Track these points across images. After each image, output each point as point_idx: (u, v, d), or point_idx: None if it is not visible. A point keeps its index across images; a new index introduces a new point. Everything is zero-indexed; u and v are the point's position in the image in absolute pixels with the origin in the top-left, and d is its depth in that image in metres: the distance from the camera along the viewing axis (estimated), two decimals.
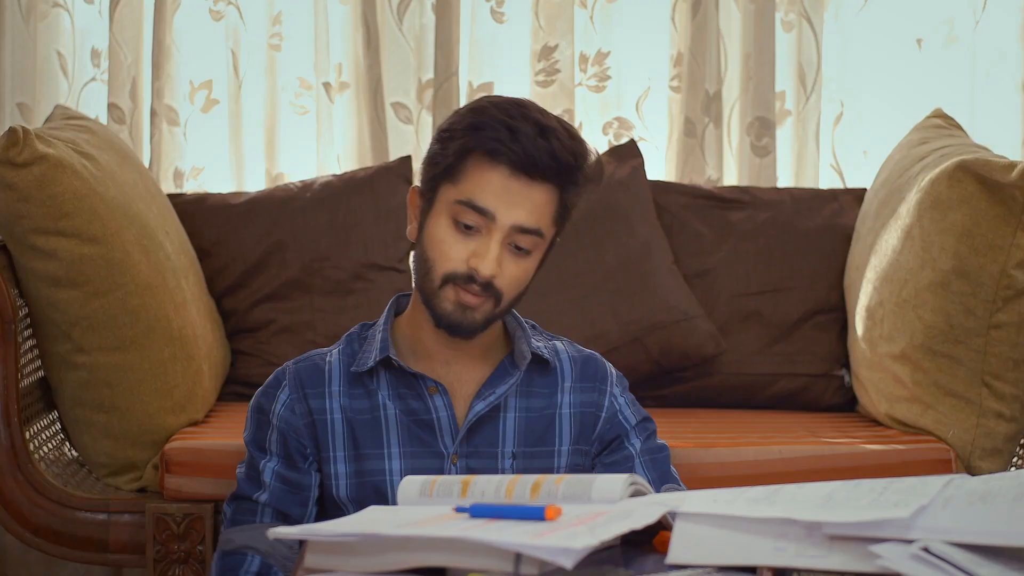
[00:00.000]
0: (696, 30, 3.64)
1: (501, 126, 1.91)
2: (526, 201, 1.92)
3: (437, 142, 1.99)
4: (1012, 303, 2.73)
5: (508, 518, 1.49)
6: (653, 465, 2.09)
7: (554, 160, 1.91)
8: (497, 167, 1.91)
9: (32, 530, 2.58)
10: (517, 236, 1.94)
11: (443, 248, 1.94)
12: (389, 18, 3.68)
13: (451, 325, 1.97)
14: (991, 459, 2.77)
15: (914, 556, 1.35)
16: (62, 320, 2.59)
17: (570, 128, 1.97)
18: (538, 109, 1.97)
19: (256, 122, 3.69)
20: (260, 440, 2.09)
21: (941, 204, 2.77)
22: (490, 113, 1.93)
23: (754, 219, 3.40)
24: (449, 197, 1.94)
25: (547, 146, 1.91)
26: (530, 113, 1.94)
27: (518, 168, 1.91)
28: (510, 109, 1.94)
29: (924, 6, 3.76)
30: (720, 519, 1.47)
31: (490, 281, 1.93)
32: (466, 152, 1.93)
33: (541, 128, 1.92)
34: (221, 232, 3.29)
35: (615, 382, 2.15)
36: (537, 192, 1.93)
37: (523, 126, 1.91)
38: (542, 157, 1.91)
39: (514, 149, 1.89)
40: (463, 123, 1.95)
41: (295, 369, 2.10)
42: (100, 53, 3.65)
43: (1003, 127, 3.73)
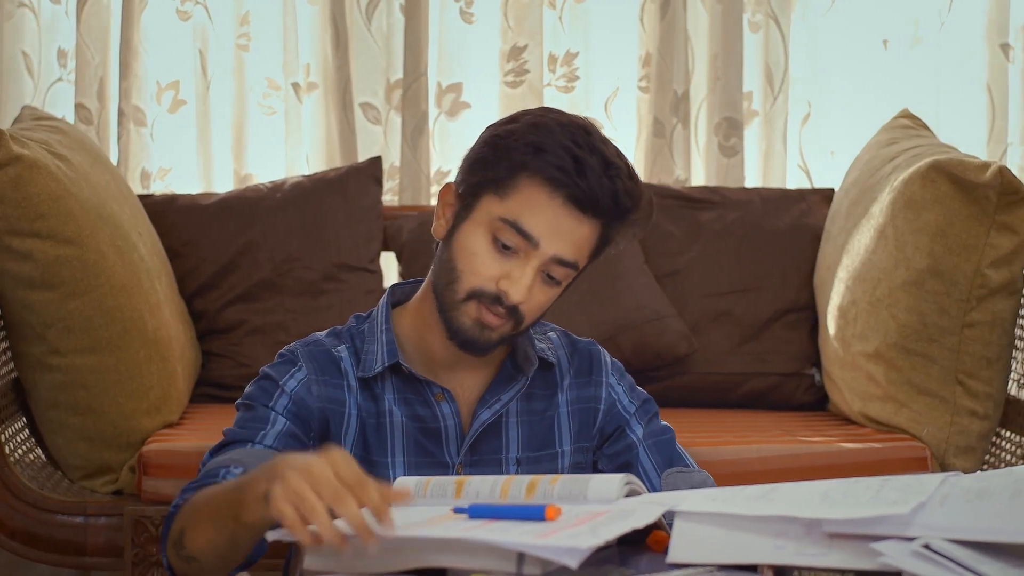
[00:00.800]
0: (664, 31, 3.65)
1: (567, 154, 1.80)
2: (573, 234, 1.83)
3: (488, 146, 1.88)
4: (986, 302, 2.76)
5: (508, 518, 1.49)
6: (657, 449, 2.04)
7: (614, 201, 1.82)
8: (552, 195, 1.81)
9: (8, 533, 2.57)
10: (553, 266, 1.85)
11: (475, 262, 1.84)
12: (358, 18, 3.67)
13: (466, 341, 1.88)
14: (965, 457, 2.80)
15: (915, 553, 1.35)
16: (37, 322, 2.57)
17: (630, 165, 1.87)
18: (601, 138, 1.86)
19: (224, 123, 3.68)
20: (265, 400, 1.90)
21: (915, 204, 2.79)
22: (555, 135, 1.82)
23: (724, 219, 3.42)
24: (493, 211, 1.84)
25: (611, 186, 1.81)
26: (596, 144, 1.83)
27: (574, 202, 1.81)
28: (576, 135, 1.82)
29: (890, 7, 3.79)
30: (719, 518, 1.47)
31: (516, 305, 1.85)
32: (521, 169, 1.82)
33: (606, 164, 1.82)
34: (191, 233, 3.27)
35: (611, 371, 2.08)
36: (586, 227, 1.84)
37: (589, 159, 1.80)
38: (604, 197, 1.81)
39: (579, 184, 1.80)
40: (524, 137, 1.83)
41: (308, 352, 1.94)
42: (67, 53, 3.62)
43: (969, 127, 3.77)
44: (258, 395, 1.91)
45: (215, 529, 1.65)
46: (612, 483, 1.60)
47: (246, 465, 1.79)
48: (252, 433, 1.87)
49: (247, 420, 1.90)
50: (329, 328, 2.01)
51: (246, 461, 1.81)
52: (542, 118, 1.86)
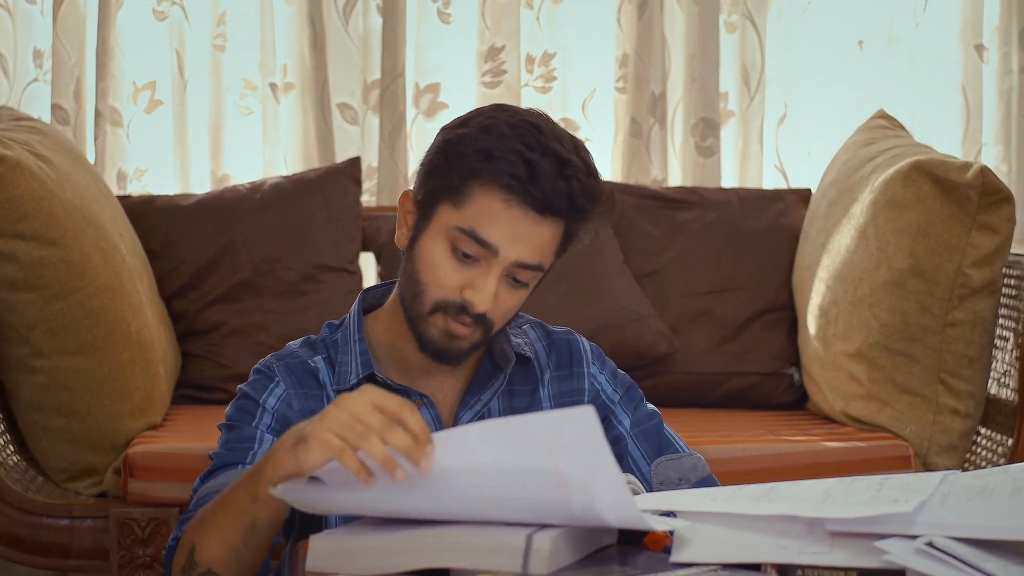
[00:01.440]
0: (642, 31, 3.66)
1: (518, 159, 1.75)
2: (533, 238, 1.79)
3: (441, 152, 1.82)
4: (967, 301, 2.78)
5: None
6: (644, 437, 2.01)
7: (571, 203, 1.79)
8: (507, 202, 1.76)
9: None
10: (517, 270, 1.81)
11: (437, 274, 1.81)
12: (335, 19, 3.66)
13: (437, 352, 1.85)
14: (947, 455, 2.82)
15: (919, 551, 1.36)
16: (20, 323, 2.56)
17: (587, 160, 1.82)
18: (554, 134, 1.80)
19: (201, 123, 3.66)
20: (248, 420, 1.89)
21: (896, 204, 2.81)
22: (506, 140, 1.76)
23: (702, 219, 3.43)
24: (449, 221, 1.79)
25: (566, 188, 1.77)
26: (548, 143, 1.77)
27: (530, 207, 1.77)
28: (527, 136, 1.77)
29: (865, 7, 3.81)
30: (722, 517, 1.48)
31: (483, 314, 1.81)
32: (473, 177, 1.77)
33: (561, 164, 1.77)
34: (170, 234, 3.26)
35: (591, 359, 2.04)
36: (546, 229, 1.79)
37: (541, 162, 1.75)
38: (559, 200, 1.77)
39: (531, 191, 1.75)
40: (474, 144, 1.77)
41: (285, 366, 1.92)
42: (43, 53, 3.60)
43: (943, 127, 3.79)
44: (240, 416, 1.90)
45: (231, 525, 1.64)
46: None
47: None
48: (241, 454, 1.85)
49: (233, 441, 1.88)
50: (303, 338, 1.98)
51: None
52: (492, 120, 1.80)
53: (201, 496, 1.81)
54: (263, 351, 3.15)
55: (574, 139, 1.83)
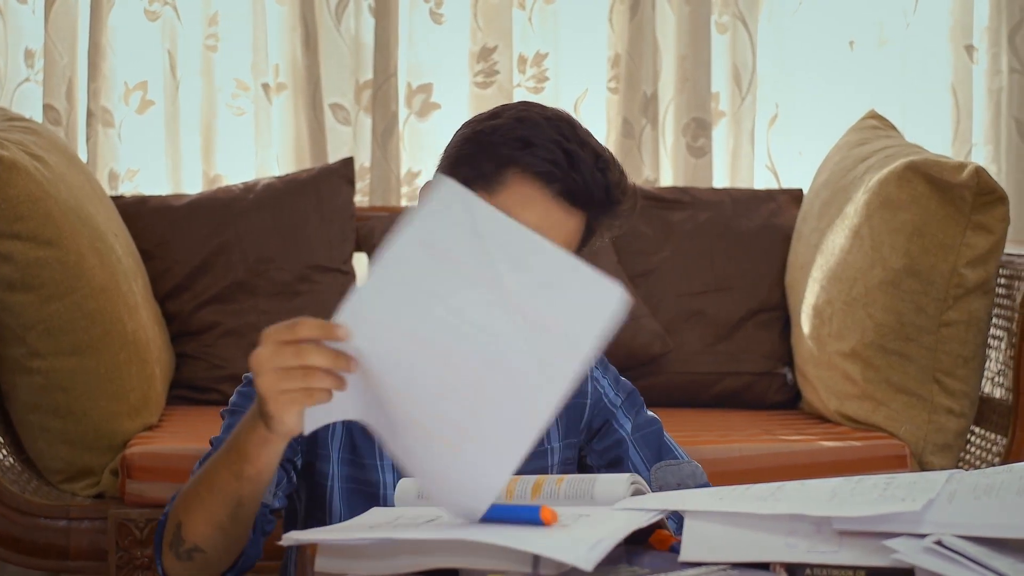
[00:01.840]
0: (634, 31, 3.67)
1: (557, 148, 1.75)
2: (562, 228, 1.78)
3: (472, 143, 1.82)
4: (962, 301, 2.79)
5: (504, 520, 1.48)
6: (645, 443, 2.02)
7: (607, 194, 1.79)
8: (544, 189, 1.76)
9: None
10: None
11: None
12: (327, 19, 3.66)
13: None
14: (942, 454, 2.83)
15: (928, 549, 1.37)
16: (16, 324, 2.56)
17: (618, 162, 1.84)
18: (585, 131, 1.82)
19: (192, 123, 3.66)
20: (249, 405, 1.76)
21: (891, 204, 2.82)
22: (542, 129, 1.77)
23: (695, 219, 3.44)
24: None
25: (603, 180, 1.77)
26: (583, 137, 1.79)
27: (566, 196, 1.77)
28: (563, 128, 1.78)
29: (856, 8, 3.82)
30: (730, 516, 1.48)
31: None
32: (510, 164, 1.77)
33: (596, 156, 1.78)
34: (163, 234, 3.25)
35: (595, 364, 2.04)
36: (574, 221, 1.79)
37: (580, 152, 1.76)
38: (597, 190, 1.77)
39: (573, 177, 1.75)
40: (510, 132, 1.78)
41: None
42: (34, 53, 3.59)
43: (934, 127, 3.80)
44: (242, 401, 1.90)
45: (216, 503, 1.62)
46: (619, 484, 1.61)
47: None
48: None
49: (233, 426, 1.81)
50: None
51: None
52: (526, 112, 1.81)
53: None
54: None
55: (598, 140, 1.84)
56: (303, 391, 1.45)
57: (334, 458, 1.92)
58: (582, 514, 1.50)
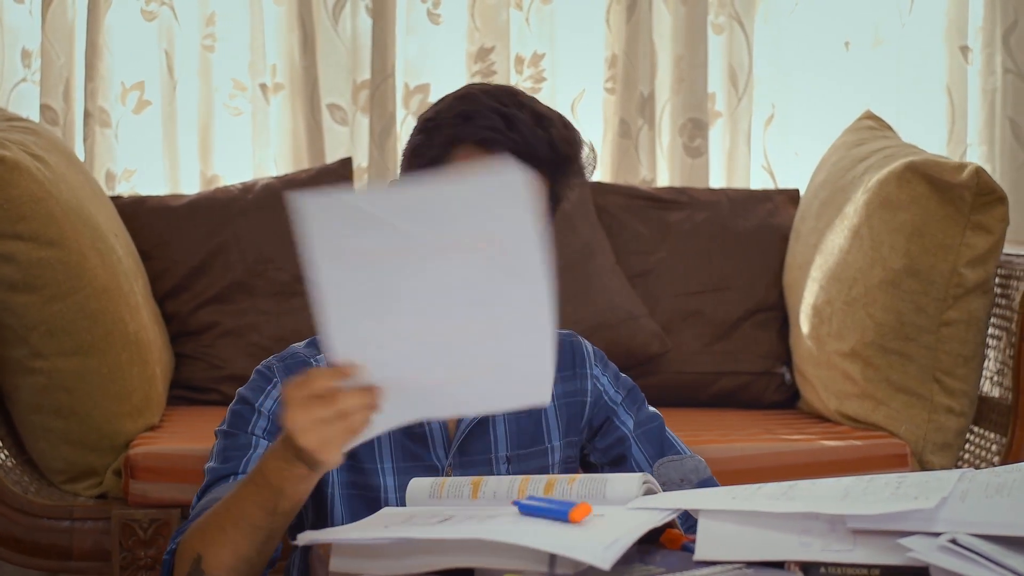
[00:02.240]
0: (630, 32, 3.67)
1: (495, 114, 1.78)
2: None
3: (421, 132, 1.85)
4: (962, 301, 2.80)
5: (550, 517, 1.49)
6: (647, 439, 2.02)
7: (553, 150, 1.80)
8: (489, 156, 1.77)
9: None
10: None
11: None
12: (324, 19, 3.66)
13: None
14: (942, 453, 2.84)
15: (942, 548, 1.38)
16: (19, 324, 2.56)
17: (565, 119, 1.85)
18: (529, 97, 1.85)
19: (190, 124, 3.65)
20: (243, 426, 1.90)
21: (891, 204, 2.83)
22: (481, 101, 1.81)
23: (692, 219, 3.44)
24: None
25: (546, 136, 1.79)
26: (523, 100, 1.82)
27: (515, 156, 1.74)
28: (501, 96, 1.82)
29: (852, 9, 3.83)
30: (744, 515, 1.49)
31: None
32: (456, 142, 1.80)
33: (537, 116, 1.80)
34: (162, 234, 3.25)
35: (594, 362, 2.05)
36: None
37: (519, 114, 1.79)
38: (541, 147, 1.79)
39: (512, 138, 1.77)
40: (451, 111, 1.82)
41: (285, 366, 1.94)
42: (31, 53, 3.58)
43: (929, 128, 3.81)
44: (236, 421, 1.91)
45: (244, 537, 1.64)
46: (631, 483, 1.61)
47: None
48: (235, 464, 1.86)
49: (228, 449, 1.89)
50: (309, 338, 1.98)
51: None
52: (466, 90, 1.85)
53: (195, 514, 1.81)
54: (256, 352, 3.17)
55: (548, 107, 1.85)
56: (347, 432, 1.51)
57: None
58: (597, 513, 1.51)
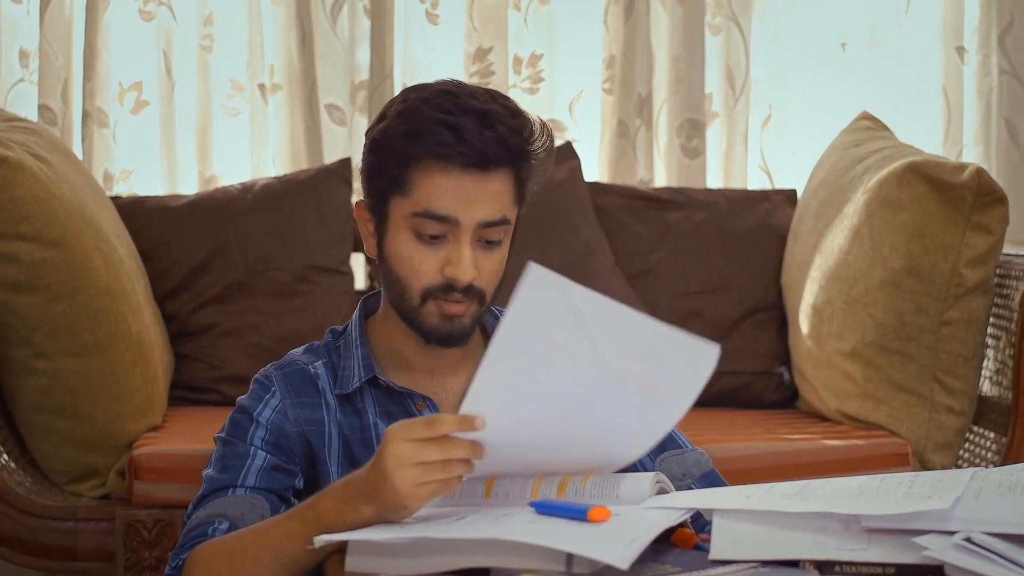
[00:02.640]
0: (628, 33, 3.68)
1: (441, 127, 1.77)
2: (484, 195, 1.81)
3: (372, 152, 1.85)
4: (962, 300, 2.82)
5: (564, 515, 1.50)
6: None
7: (505, 148, 1.80)
8: (446, 170, 1.79)
9: None
10: (485, 231, 1.82)
11: (412, 265, 1.83)
12: (322, 19, 3.66)
13: (442, 339, 1.87)
14: (942, 453, 2.85)
15: (957, 546, 1.39)
16: (21, 325, 2.55)
17: (508, 103, 1.84)
18: (468, 92, 1.82)
19: (188, 124, 3.65)
20: (241, 435, 1.91)
21: (891, 204, 2.84)
22: (424, 114, 1.79)
23: (691, 219, 3.45)
24: (403, 210, 1.82)
25: (494, 136, 1.79)
26: (464, 102, 1.80)
27: (470, 166, 1.79)
28: (443, 103, 1.79)
29: (848, 9, 3.84)
30: (758, 515, 1.50)
31: (471, 284, 1.83)
32: (409, 160, 1.80)
33: (482, 116, 1.79)
34: (161, 235, 3.25)
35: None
36: (494, 182, 1.81)
37: (463, 121, 1.78)
38: (492, 149, 1.79)
39: (461, 151, 1.78)
40: (397, 130, 1.81)
41: (283, 375, 1.94)
42: (28, 53, 3.57)
43: (925, 128, 3.82)
44: (234, 430, 1.91)
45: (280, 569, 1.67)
46: (644, 482, 1.62)
47: (231, 519, 1.80)
48: (233, 476, 1.87)
49: (227, 457, 1.89)
50: (307, 344, 2.00)
51: (230, 513, 1.82)
52: (406, 102, 1.84)
53: (192, 526, 1.82)
54: (256, 352, 3.17)
55: (489, 90, 1.86)
56: (442, 483, 1.55)
57: (334, 473, 1.91)
58: (613, 513, 1.51)
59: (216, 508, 1.83)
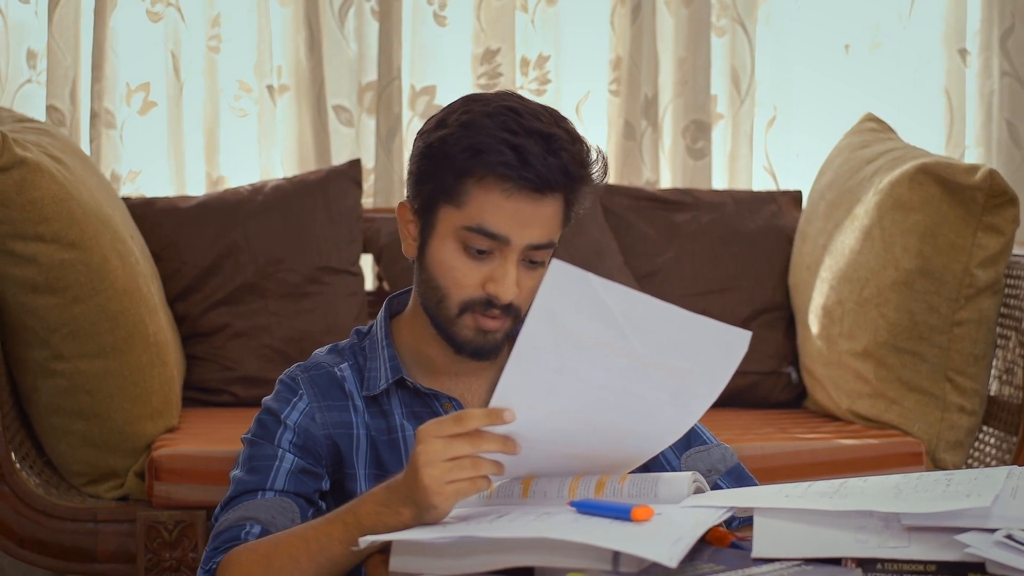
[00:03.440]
0: (635, 34, 3.69)
1: (505, 147, 1.78)
2: (538, 218, 1.82)
3: (426, 158, 1.84)
4: (974, 301, 2.84)
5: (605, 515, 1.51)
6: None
7: (566, 176, 1.81)
8: (505, 191, 1.80)
9: (17, 541, 2.54)
10: (531, 252, 1.84)
11: (455, 276, 1.84)
12: (330, 21, 3.66)
13: (474, 351, 1.88)
14: (954, 452, 2.87)
15: (999, 543, 1.40)
16: (40, 327, 2.55)
17: (568, 126, 1.85)
18: (531, 112, 1.82)
19: (195, 125, 3.65)
20: (269, 437, 1.91)
21: (903, 205, 2.86)
22: (488, 131, 1.79)
23: (699, 220, 3.47)
24: (454, 221, 1.82)
25: (558, 163, 1.80)
26: (529, 123, 1.80)
27: (529, 189, 1.80)
28: (508, 122, 1.80)
29: (852, 12, 3.86)
30: (799, 513, 1.51)
31: (510, 303, 1.84)
32: (467, 174, 1.80)
33: (546, 140, 1.80)
34: (171, 236, 3.25)
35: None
36: (548, 206, 1.83)
37: (528, 143, 1.78)
38: (555, 176, 1.80)
39: (525, 175, 1.78)
40: (458, 142, 1.80)
41: (310, 378, 1.95)
42: (36, 54, 3.57)
43: (927, 130, 3.85)
44: (262, 432, 1.92)
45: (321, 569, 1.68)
46: (682, 482, 1.63)
47: (263, 522, 1.81)
48: (262, 478, 1.87)
49: (255, 459, 1.90)
50: (330, 344, 2.01)
51: (261, 517, 1.82)
52: (468, 115, 1.83)
53: (221, 530, 1.83)
54: (268, 353, 3.18)
55: (549, 110, 1.86)
56: (469, 482, 1.55)
57: (361, 475, 1.93)
58: (657, 512, 1.52)
59: (247, 511, 1.84)
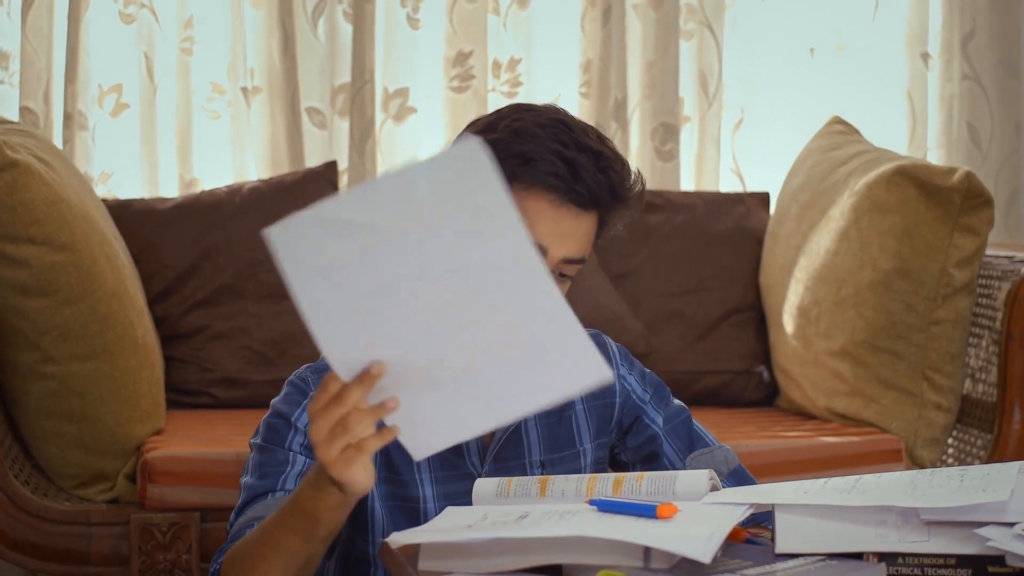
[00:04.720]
0: (604, 38, 3.72)
1: (557, 159, 1.78)
2: (577, 232, 1.82)
3: None
4: (950, 300, 2.89)
5: (627, 514, 1.53)
6: (676, 434, 2.06)
7: (612, 195, 1.82)
8: (552, 202, 1.79)
9: (10, 545, 2.54)
10: (564, 266, 1.84)
11: None
12: (304, 23, 3.67)
13: None
14: (930, 449, 2.93)
15: (1018, 536, 1.45)
16: (30, 329, 2.55)
17: (613, 147, 1.86)
18: (581, 129, 1.84)
19: (168, 127, 3.64)
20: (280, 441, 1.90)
21: (880, 207, 2.91)
22: (540, 140, 1.79)
23: (671, 222, 3.50)
24: None
25: (607, 181, 1.80)
26: (580, 138, 1.81)
27: (575, 204, 1.80)
28: (560, 134, 1.80)
29: (817, 16, 3.91)
30: (819, 509, 1.54)
31: None
32: (514, 180, 1.76)
33: (597, 157, 1.81)
34: (149, 238, 3.25)
35: (620, 361, 2.07)
36: (587, 222, 1.83)
37: (579, 158, 1.79)
38: (603, 194, 1.81)
39: (576, 188, 1.78)
40: (509, 148, 1.79)
41: (319, 379, 1.84)
42: (9, 55, 3.55)
43: (890, 132, 3.90)
44: (272, 436, 1.91)
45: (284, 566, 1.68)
46: (700, 480, 1.65)
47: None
48: (273, 481, 1.87)
49: (265, 464, 1.89)
50: None
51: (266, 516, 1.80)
52: (520, 123, 1.82)
53: (236, 533, 1.83)
54: (247, 355, 3.18)
55: (596, 130, 1.87)
56: (352, 447, 1.52)
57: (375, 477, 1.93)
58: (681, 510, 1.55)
59: (255, 512, 1.84)
